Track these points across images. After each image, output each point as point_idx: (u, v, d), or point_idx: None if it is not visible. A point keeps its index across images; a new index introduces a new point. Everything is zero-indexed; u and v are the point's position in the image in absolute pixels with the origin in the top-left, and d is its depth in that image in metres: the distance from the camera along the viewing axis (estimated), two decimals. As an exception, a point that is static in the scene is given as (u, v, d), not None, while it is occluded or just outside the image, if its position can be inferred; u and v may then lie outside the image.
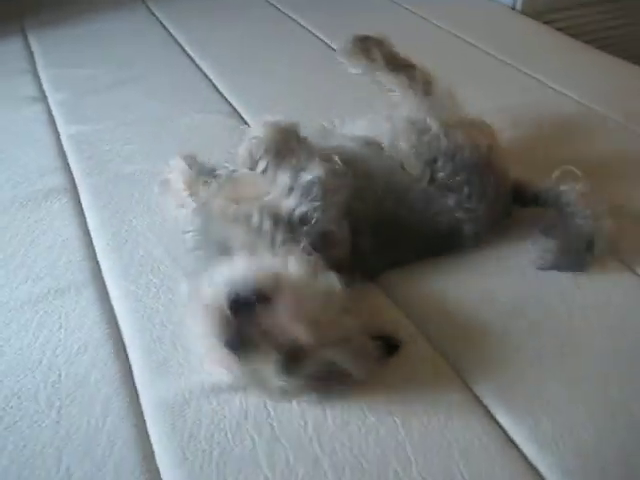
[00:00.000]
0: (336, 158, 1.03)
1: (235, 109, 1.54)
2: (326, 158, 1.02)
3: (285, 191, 0.97)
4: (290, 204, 0.95)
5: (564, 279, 1.03)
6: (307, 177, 0.98)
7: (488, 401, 0.86)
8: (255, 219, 0.93)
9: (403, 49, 1.85)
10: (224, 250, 0.92)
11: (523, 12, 2.21)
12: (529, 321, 0.96)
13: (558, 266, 1.05)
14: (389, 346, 0.88)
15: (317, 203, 0.95)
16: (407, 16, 2.15)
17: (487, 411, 0.84)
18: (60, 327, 0.94)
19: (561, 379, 0.88)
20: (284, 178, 0.98)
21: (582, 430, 0.81)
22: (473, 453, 0.79)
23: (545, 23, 2.17)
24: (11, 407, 0.83)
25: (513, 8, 2.23)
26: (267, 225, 0.92)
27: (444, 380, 0.88)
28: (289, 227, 0.93)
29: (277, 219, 0.93)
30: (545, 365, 0.90)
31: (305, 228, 0.94)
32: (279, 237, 0.92)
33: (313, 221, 0.94)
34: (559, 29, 2.13)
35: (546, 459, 0.79)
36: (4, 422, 0.81)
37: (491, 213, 1.08)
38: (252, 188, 1.00)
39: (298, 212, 0.95)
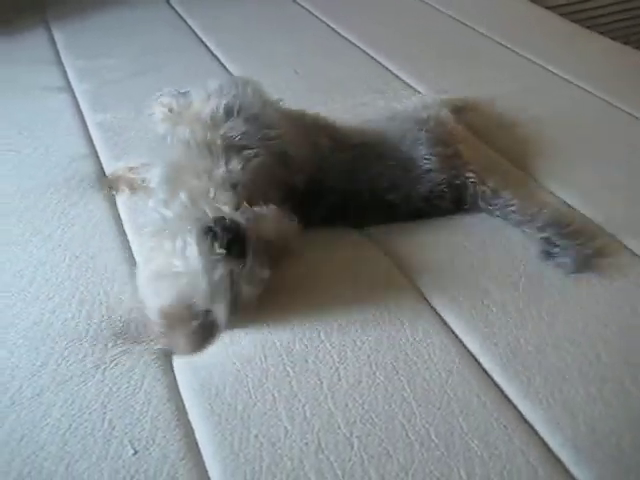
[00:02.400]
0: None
1: (251, 96, 1.62)
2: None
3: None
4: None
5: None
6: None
7: (484, 360, 0.95)
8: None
9: (408, 34, 1.94)
10: None
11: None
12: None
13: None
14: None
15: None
16: (411, 1, 2.21)
17: (484, 370, 0.94)
18: (101, 303, 1.03)
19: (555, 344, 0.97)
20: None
21: (572, 390, 0.90)
22: (471, 408, 0.88)
23: (548, 9, 2.23)
24: (62, 368, 0.92)
25: (516, -7, 2.29)
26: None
27: (442, 340, 0.97)
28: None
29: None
30: (541, 330, 0.99)
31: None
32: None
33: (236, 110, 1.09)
34: (562, 15, 2.19)
35: (538, 414, 0.88)
36: (55, 381, 0.91)
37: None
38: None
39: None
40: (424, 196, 1.19)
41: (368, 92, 1.62)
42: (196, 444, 0.85)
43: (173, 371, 0.94)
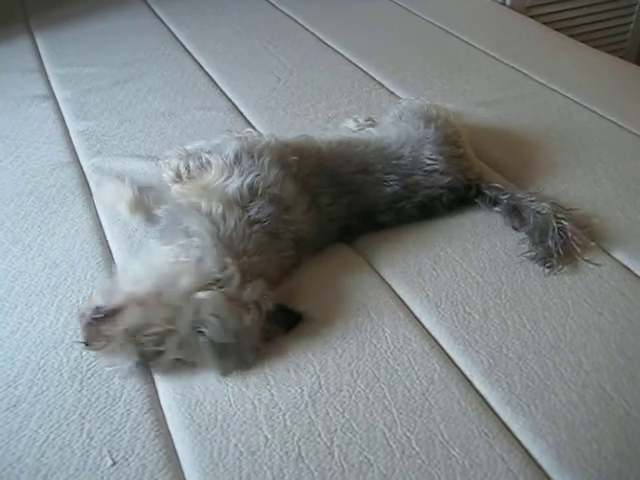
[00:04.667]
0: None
1: (234, 104, 1.62)
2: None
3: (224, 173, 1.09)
4: (234, 182, 1.07)
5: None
6: (228, 151, 1.11)
7: (466, 368, 0.95)
8: (204, 206, 1.03)
9: (393, 43, 1.94)
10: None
11: (512, 7, 2.29)
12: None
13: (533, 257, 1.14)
14: (290, 318, 0.99)
15: (255, 171, 1.08)
16: (397, 10, 2.23)
17: (465, 377, 0.94)
18: (79, 310, 1.01)
19: (537, 351, 0.97)
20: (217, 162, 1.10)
21: (553, 396, 0.90)
22: (452, 416, 0.88)
23: (532, 17, 2.24)
24: (38, 379, 0.91)
25: (503, 3, 2.31)
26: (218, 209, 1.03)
27: (424, 347, 0.97)
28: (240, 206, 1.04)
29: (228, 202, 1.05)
30: (522, 336, 0.99)
31: (255, 202, 1.05)
32: (232, 220, 1.02)
33: (260, 189, 1.06)
34: (545, 23, 2.21)
35: (519, 421, 0.88)
36: (32, 391, 0.90)
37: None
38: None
39: (245, 184, 1.06)
40: (419, 204, 1.18)
41: (353, 101, 1.62)
42: (176, 454, 0.84)
43: (153, 381, 0.93)
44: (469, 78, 1.76)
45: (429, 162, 1.19)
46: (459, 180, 1.21)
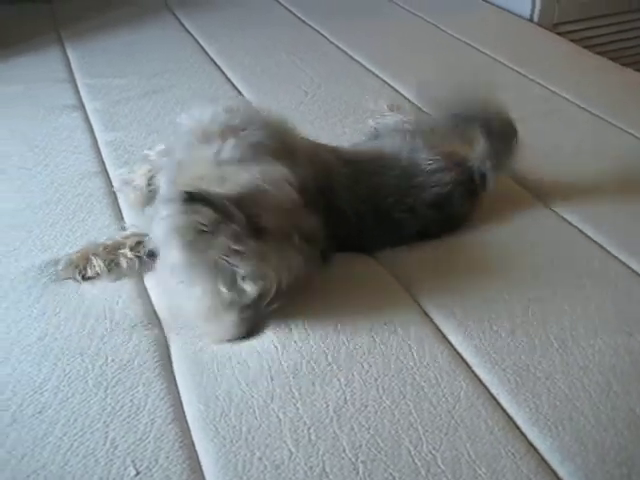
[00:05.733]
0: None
1: (262, 118, 1.63)
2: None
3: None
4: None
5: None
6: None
7: (492, 386, 0.94)
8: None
9: (419, 57, 1.95)
10: None
11: (540, 23, 2.29)
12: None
13: None
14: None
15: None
16: (425, 27, 2.23)
17: (492, 395, 0.92)
18: (105, 317, 1.03)
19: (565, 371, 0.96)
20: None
21: (582, 418, 0.89)
22: (479, 435, 0.86)
23: (560, 34, 2.24)
24: (63, 385, 0.92)
25: (530, 20, 2.30)
26: None
27: (450, 364, 0.96)
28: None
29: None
30: (550, 356, 0.98)
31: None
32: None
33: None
34: (573, 40, 2.20)
35: (547, 442, 0.86)
36: (58, 398, 0.90)
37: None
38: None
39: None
40: (432, 202, 1.19)
41: (379, 115, 1.62)
42: (199, 466, 0.83)
43: (178, 390, 0.93)
44: (497, 94, 1.75)
45: (428, 163, 1.21)
46: (462, 172, 1.22)
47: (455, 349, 1.00)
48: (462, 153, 1.27)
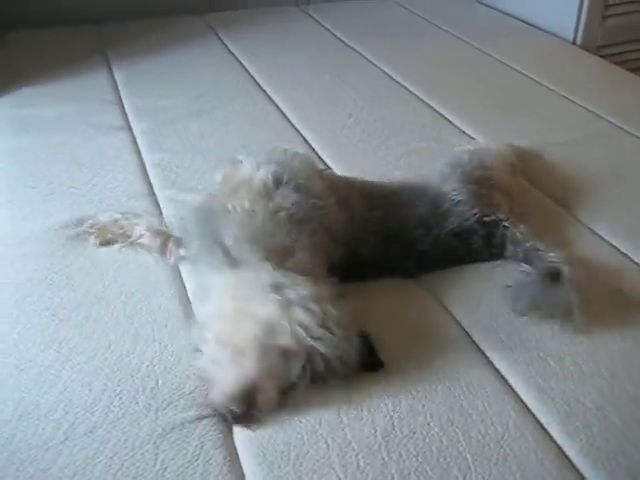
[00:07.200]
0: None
1: (305, 139, 1.64)
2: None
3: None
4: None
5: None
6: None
7: (541, 415, 0.93)
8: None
9: (462, 80, 1.95)
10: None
11: (582, 46, 2.27)
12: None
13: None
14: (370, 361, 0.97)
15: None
16: (466, 48, 2.23)
17: (541, 425, 0.91)
18: (154, 340, 1.04)
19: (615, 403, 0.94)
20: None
21: (636, 453, 0.87)
22: (529, 466, 0.85)
23: (603, 57, 2.22)
24: (114, 406, 0.93)
25: (574, 43, 2.29)
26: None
27: (498, 392, 0.96)
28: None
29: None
30: (599, 385, 0.96)
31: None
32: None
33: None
34: (616, 63, 2.18)
35: (599, 476, 0.85)
36: (109, 418, 0.91)
37: None
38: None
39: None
40: (454, 232, 1.18)
41: (423, 139, 1.62)
42: (247, 489, 0.84)
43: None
44: (540, 118, 1.75)
45: (454, 193, 1.22)
46: (486, 214, 1.20)
47: (502, 376, 0.99)
48: (497, 202, 1.26)
